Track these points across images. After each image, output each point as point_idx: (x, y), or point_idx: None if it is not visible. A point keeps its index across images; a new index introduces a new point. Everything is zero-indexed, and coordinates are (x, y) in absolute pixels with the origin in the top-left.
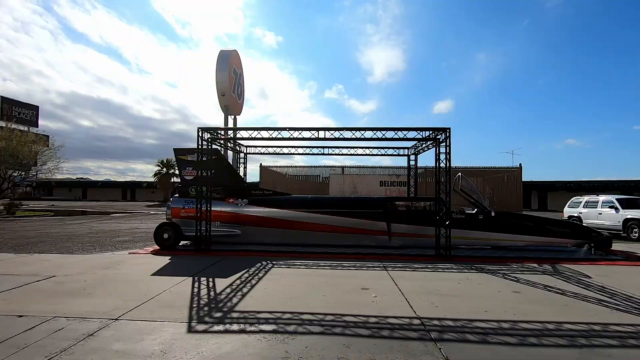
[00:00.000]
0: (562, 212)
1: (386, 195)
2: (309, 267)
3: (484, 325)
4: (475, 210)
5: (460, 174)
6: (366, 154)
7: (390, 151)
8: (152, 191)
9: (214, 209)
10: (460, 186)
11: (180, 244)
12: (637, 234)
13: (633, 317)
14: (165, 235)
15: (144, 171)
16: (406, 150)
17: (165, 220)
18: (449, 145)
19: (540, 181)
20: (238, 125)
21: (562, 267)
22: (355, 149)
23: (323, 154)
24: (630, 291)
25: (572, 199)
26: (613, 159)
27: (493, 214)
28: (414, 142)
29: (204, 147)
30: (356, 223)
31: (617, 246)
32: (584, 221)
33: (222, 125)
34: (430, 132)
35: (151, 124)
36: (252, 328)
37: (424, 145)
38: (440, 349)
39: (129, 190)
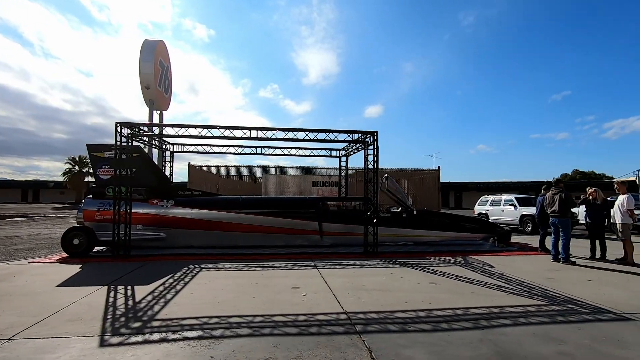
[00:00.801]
0: (473, 209)
1: (318, 195)
2: (240, 269)
3: (404, 316)
4: (400, 209)
5: (386, 175)
6: (299, 155)
7: (322, 152)
8: (60, 192)
9: (135, 211)
10: (386, 186)
11: (94, 250)
12: (530, 228)
13: (523, 299)
14: (76, 241)
15: (51, 169)
16: (338, 151)
17: (76, 224)
18: (377, 148)
19: (456, 182)
20: (165, 121)
21: (472, 259)
22: (289, 150)
23: (256, 154)
24: (523, 277)
25: (481, 198)
26: (514, 162)
27: (415, 212)
28: (344, 144)
29: (123, 143)
30: (289, 223)
31: (515, 239)
32: (490, 217)
33: (146, 120)
34: (360, 135)
35: (60, 116)
36: (175, 336)
37: (354, 147)
38: (364, 340)
39: (31, 191)
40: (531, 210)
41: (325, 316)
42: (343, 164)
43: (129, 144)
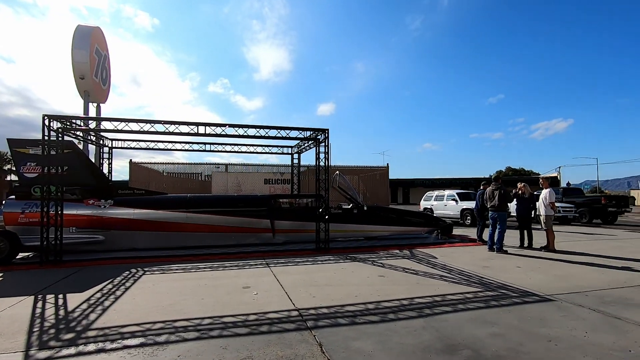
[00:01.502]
0: (420, 204)
1: (270, 192)
2: (187, 270)
3: (353, 309)
4: (351, 205)
5: (338, 172)
6: (250, 152)
7: (274, 149)
8: None
9: (68, 212)
10: (338, 183)
11: (18, 257)
12: (469, 221)
13: (462, 286)
14: None
15: None
16: (290, 149)
17: None
18: (328, 145)
19: (404, 179)
20: (103, 115)
21: (417, 251)
22: (240, 147)
23: (204, 151)
24: (462, 266)
25: (426, 194)
26: (456, 160)
27: (366, 208)
28: (297, 142)
29: (52, 138)
30: (240, 222)
31: (456, 231)
32: (435, 212)
33: (81, 113)
34: (312, 132)
35: None
36: (114, 345)
37: (306, 145)
38: (315, 335)
39: None
40: (471, 204)
41: (276, 314)
42: (295, 161)
43: (60, 138)
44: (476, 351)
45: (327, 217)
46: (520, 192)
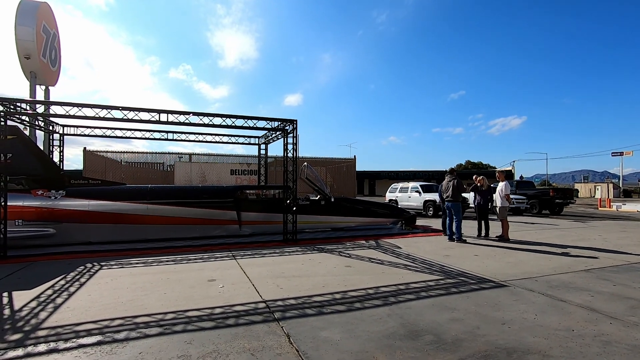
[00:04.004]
0: (385, 196)
1: (237, 183)
2: (148, 264)
3: (321, 299)
4: (319, 196)
5: (306, 163)
6: (216, 142)
7: (241, 139)
8: None
9: (14, 204)
10: (305, 175)
11: None
12: (432, 212)
13: (424, 275)
14: None
15: None
16: (257, 139)
17: None
18: (296, 137)
19: (370, 171)
20: (52, 99)
21: (383, 242)
22: (204, 136)
23: (166, 139)
24: (425, 256)
25: (391, 186)
26: (420, 153)
27: (333, 199)
28: (264, 132)
29: None
30: (204, 213)
31: (419, 222)
32: (399, 203)
33: (26, 96)
34: (279, 122)
35: None
36: (68, 344)
37: (273, 135)
38: (282, 327)
39: None
40: (433, 196)
41: (243, 307)
42: (262, 152)
43: (2, 123)
44: (437, 335)
45: (294, 208)
46: (478, 184)
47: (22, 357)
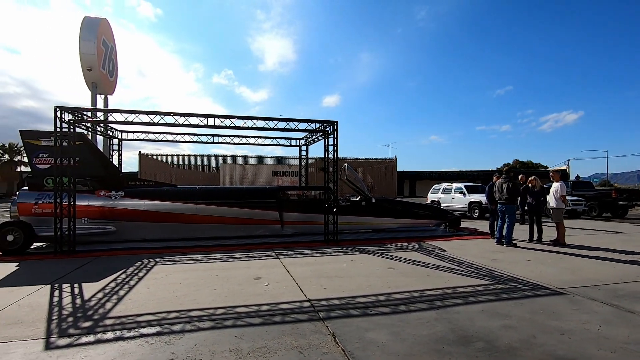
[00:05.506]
0: (427, 197)
1: (278, 184)
2: (198, 261)
3: (365, 300)
4: (359, 197)
5: (346, 164)
6: (258, 144)
7: (282, 141)
8: None
9: (79, 203)
10: (346, 176)
11: (32, 247)
12: (477, 214)
13: (472, 279)
14: (10, 237)
15: None
16: (298, 141)
17: (9, 219)
18: (337, 137)
19: (411, 171)
20: (110, 106)
21: (426, 244)
22: (247, 138)
23: (212, 142)
24: (471, 259)
25: (433, 187)
26: (463, 152)
27: (373, 200)
28: (305, 134)
29: (64, 130)
30: (248, 213)
31: (464, 224)
32: (442, 204)
33: (87, 105)
34: (320, 124)
35: None
36: (132, 333)
37: (314, 137)
38: (327, 326)
39: None
40: (479, 197)
41: (288, 305)
42: (303, 153)
43: (71, 130)
44: (489, 342)
45: (335, 209)
46: (530, 185)
47: (93, 343)
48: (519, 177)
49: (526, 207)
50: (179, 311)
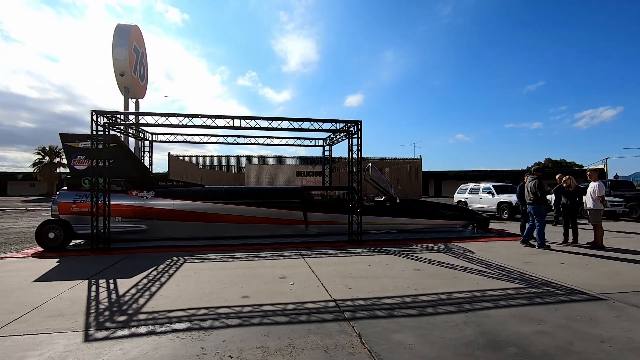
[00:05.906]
0: (453, 197)
1: (302, 184)
2: (225, 260)
3: (390, 302)
4: (384, 197)
5: (370, 164)
6: (283, 144)
7: (306, 142)
8: (30, 184)
9: (114, 203)
10: (370, 175)
11: (71, 244)
12: (507, 215)
13: (502, 282)
14: (52, 235)
15: (19, 160)
16: (321, 141)
17: (50, 217)
18: (361, 137)
19: (436, 171)
20: (141, 110)
21: (453, 245)
22: (272, 139)
23: (238, 144)
24: (501, 262)
25: (460, 186)
26: (491, 151)
27: (398, 201)
28: (328, 134)
29: (99, 132)
30: (273, 213)
31: (493, 225)
32: (469, 205)
33: (120, 108)
34: (344, 124)
35: (26, 103)
36: (164, 328)
37: (338, 137)
38: (353, 327)
39: None
40: (508, 197)
41: (314, 304)
42: (327, 153)
43: (106, 133)
44: (522, 348)
45: (359, 209)
46: (565, 185)
47: (128, 336)
48: (556, 176)
49: (561, 208)
50: (207, 308)
